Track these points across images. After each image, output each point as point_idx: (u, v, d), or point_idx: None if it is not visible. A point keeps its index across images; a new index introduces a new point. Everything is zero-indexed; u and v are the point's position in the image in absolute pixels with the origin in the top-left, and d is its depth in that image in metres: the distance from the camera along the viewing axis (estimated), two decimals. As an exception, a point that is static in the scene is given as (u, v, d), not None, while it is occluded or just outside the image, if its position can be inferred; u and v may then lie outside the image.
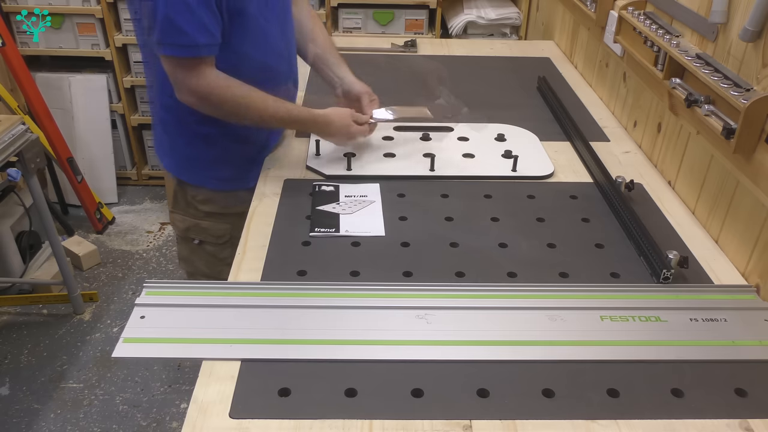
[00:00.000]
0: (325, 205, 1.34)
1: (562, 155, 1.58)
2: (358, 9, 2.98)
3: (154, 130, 1.58)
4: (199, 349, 0.98)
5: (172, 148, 1.53)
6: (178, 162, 1.54)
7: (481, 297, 1.10)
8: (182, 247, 1.64)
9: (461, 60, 2.25)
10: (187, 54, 1.27)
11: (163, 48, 1.27)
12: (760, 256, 1.14)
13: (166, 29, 1.24)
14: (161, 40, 1.26)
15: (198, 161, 1.51)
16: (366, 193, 1.39)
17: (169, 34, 1.25)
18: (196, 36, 1.26)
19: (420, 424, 0.87)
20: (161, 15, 1.23)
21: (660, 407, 0.90)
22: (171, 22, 1.23)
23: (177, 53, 1.27)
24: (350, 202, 1.36)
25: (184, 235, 1.60)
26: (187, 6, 1.23)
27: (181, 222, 1.59)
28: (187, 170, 1.53)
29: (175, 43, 1.26)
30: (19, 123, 2.24)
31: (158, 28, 1.24)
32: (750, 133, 1.10)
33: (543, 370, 0.96)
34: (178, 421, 2.18)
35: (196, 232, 1.58)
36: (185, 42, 1.25)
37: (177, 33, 1.24)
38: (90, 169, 3.26)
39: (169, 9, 1.22)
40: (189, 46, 1.26)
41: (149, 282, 1.12)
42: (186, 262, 1.65)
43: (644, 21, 1.49)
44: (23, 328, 2.59)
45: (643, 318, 1.06)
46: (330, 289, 1.11)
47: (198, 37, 1.26)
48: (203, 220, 1.56)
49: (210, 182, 1.53)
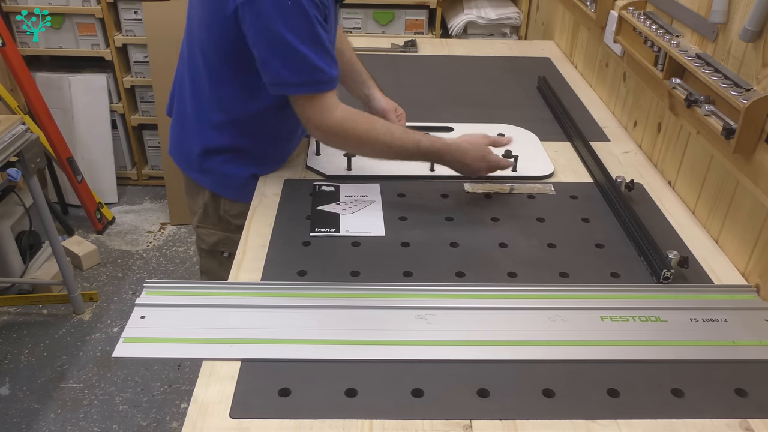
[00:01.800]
0: (325, 205, 1.34)
1: (562, 155, 1.58)
2: (358, 9, 2.98)
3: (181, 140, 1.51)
4: (199, 349, 0.98)
5: (206, 162, 1.47)
6: (215, 178, 1.48)
7: (481, 297, 1.10)
8: (207, 261, 1.60)
9: (461, 60, 2.25)
10: (326, 89, 1.25)
11: (301, 88, 1.24)
12: (760, 256, 1.14)
13: (302, 69, 1.21)
14: (298, 80, 1.22)
15: (236, 178, 1.46)
16: (366, 193, 1.39)
17: (309, 72, 1.22)
18: (331, 70, 1.24)
19: (420, 424, 0.87)
20: (296, 54, 1.19)
21: (660, 407, 0.90)
22: (307, 61, 1.20)
23: (316, 90, 1.24)
24: (350, 202, 1.36)
25: (212, 249, 1.57)
26: (320, 41, 1.21)
27: (209, 236, 1.55)
28: (222, 185, 1.49)
29: (314, 80, 1.23)
30: (19, 123, 2.24)
31: (291, 67, 1.21)
32: (750, 133, 1.11)
33: (543, 370, 0.96)
34: (178, 421, 2.18)
35: (226, 245, 1.54)
36: (323, 78, 1.23)
37: (315, 71, 1.22)
38: (90, 169, 3.26)
39: (304, 47, 1.19)
40: (327, 82, 1.24)
41: (149, 282, 1.12)
42: (210, 274, 1.61)
43: (644, 21, 1.49)
44: (23, 328, 2.59)
45: (643, 318, 1.06)
46: (330, 289, 1.11)
47: (332, 71, 1.24)
48: (234, 233, 1.51)
49: (246, 197, 1.47)
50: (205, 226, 1.56)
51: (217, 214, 1.52)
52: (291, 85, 1.24)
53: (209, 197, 1.51)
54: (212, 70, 1.35)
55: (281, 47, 1.20)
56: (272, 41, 1.20)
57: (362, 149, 1.36)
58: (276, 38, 1.19)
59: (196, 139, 1.45)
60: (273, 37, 1.19)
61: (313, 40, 1.20)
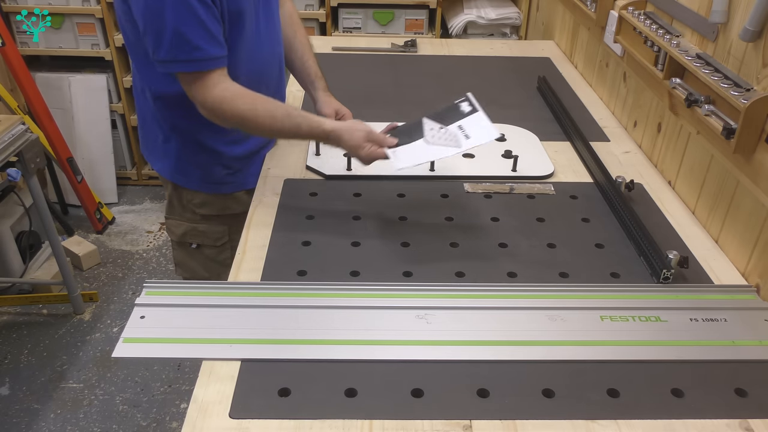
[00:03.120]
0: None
1: (562, 155, 1.58)
2: (358, 9, 2.97)
3: (141, 131, 1.54)
4: (199, 349, 0.98)
5: (165, 152, 1.49)
6: (172, 166, 1.50)
7: (481, 297, 1.10)
8: (178, 253, 1.62)
9: (461, 60, 2.25)
10: (203, 68, 1.23)
11: (176, 65, 1.23)
12: (760, 256, 1.14)
13: (178, 45, 1.20)
14: (175, 56, 1.21)
15: (192, 165, 1.47)
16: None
17: (183, 50, 1.20)
18: (209, 49, 1.22)
19: (420, 424, 0.87)
20: (170, 31, 1.18)
21: (660, 407, 0.90)
22: (182, 37, 1.19)
23: (192, 68, 1.23)
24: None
25: (180, 240, 1.58)
26: (197, 19, 1.19)
27: (176, 227, 1.57)
28: (182, 174, 1.50)
29: (189, 59, 1.21)
30: (19, 123, 2.24)
31: (168, 44, 1.20)
32: (750, 133, 1.11)
33: (543, 370, 0.96)
34: (178, 421, 2.18)
35: (193, 236, 1.56)
36: (199, 56, 1.22)
37: (190, 48, 1.20)
38: (90, 169, 3.26)
39: (179, 24, 1.18)
40: (203, 60, 1.23)
41: (149, 282, 1.12)
42: (183, 267, 1.63)
43: (644, 21, 1.49)
44: (23, 328, 2.59)
45: (643, 318, 1.06)
46: (330, 289, 1.11)
47: (211, 50, 1.23)
48: (200, 224, 1.54)
49: (205, 186, 1.50)
50: (172, 217, 1.58)
51: (181, 204, 1.54)
52: (167, 62, 1.23)
53: (172, 188, 1.53)
54: (133, 52, 1.36)
55: (156, 25, 1.19)
56: (149, 20, 1.19)
57: (246, 128, 1.32)
58: (152, 16, 1.18)
59: (148, 127, 1.48)
60: (150, 16, 1.19)
61: (188, 17, 1.18)
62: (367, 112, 1.65)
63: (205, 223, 1.54)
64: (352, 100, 1.65)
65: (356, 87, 1.71)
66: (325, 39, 2.67)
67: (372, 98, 1.72)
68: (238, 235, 1.26)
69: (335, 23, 3.05)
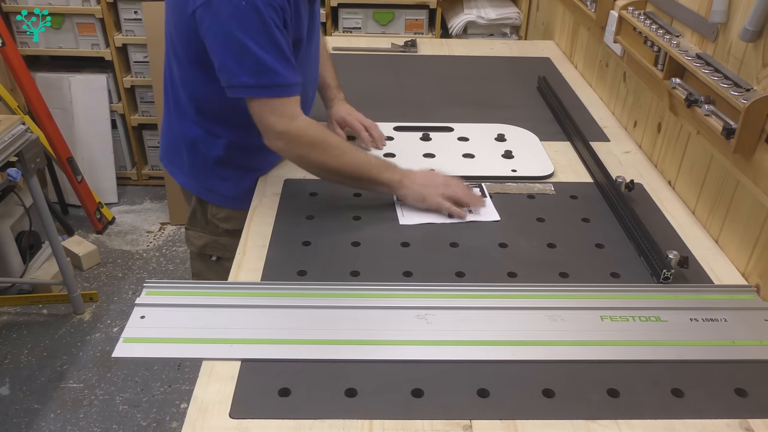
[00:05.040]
0: None
1: (562, 155, 1.58)
2: (358, 9, 2.97)
3: (167, 142, 1.52)
4: (199, 349, 0.98)
5: (193, 167, 1.47)
6: (200, 182, 1.48)
7: (481, 297, 1.10)
8: (197, 264, 1.61)
9: (461, 60, 2.25)
10: (284, 94, 1.23)
11: (257, 90, 1.22)
12: (760, 256, 1.14)
13: (259, 71, 1.19)
14: (256, 83, 1.20)
15: (220, 183, 1.46)
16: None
17: (265, 75, 1.20)
18: (289, 75, 1.22)
19: (420, 424, 0.87)
20: (252, 57, 1.18)
21: (660, 407, 0.90)
22: (264, 64, 1.19)
23: (274, 94, 1.22)
24: None
25: (200, 252, 1.57)
26: (278, 46, 1.19)
27: (197, 239, 1.56)
28: (209, 190, 1.48)
29: (271, 83, 1.21)
30: (19, 123, 2.24)
31: (249, 70, 1.19)
32: (750, 133, 1.10)
33: (543, 370, 0.96)
34: (178, 421, 2.18)
35: (213, 249, 1.55)
36: (280, 82, 1.21)
37: (272, 74, 1.20)
38: (90, 169, 3.26)
39: (261, 50, 1.18)
40: (284, 86, 1.22)
41: (149, 282, 1.12)
42: (200, 277, 1.62)
43: (644, 21, 1.49)
44: (23, 328, 2.59)
45: (643, 318, 1.06)
46: (330, 289, 1.11)
47: (291, 76, 1.23)
48: (222, 236, 1.52)
49: (231, 202, 1.48)
50: (194, 229, 1.56)
51: (205, 217, 1.52)
52: (246, 87, 1.22)
53: (196, 201, 1.52)
54: (184, 69, 1.35)
55: (236, 48, 1.18)
56: (227, 43, 1.19)
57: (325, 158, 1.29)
58: (231, 40, 1.18)
59: (181, 141, 1.46)
60: (228, 39, 1.18)
61: (269, 43, 1.18)
62: (367, 112, 1.65)
63: (227, 237, 1.51)
64: (352, 101, 1.65)
65: (356, 87, 1.71)
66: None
67: (372, 98, 1.72)
68: None
69: (335, 23, 3.05)
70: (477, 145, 1.60)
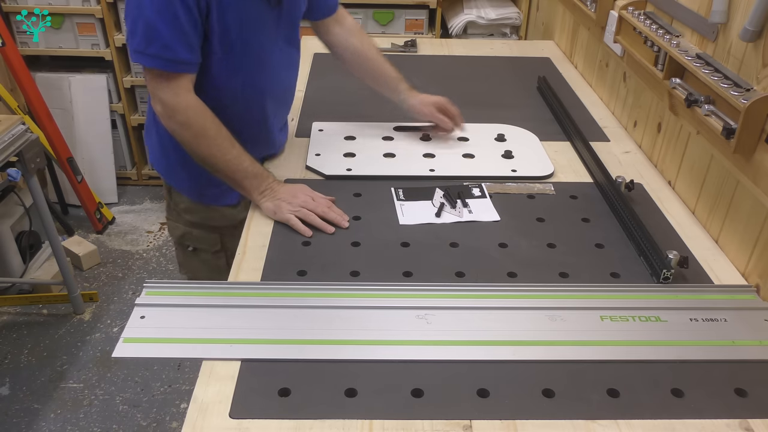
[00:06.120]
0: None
1: (562, 155, 1.58)
2: (358, 9, 2.97)
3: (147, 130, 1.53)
4: (199, 349, 0.98)
5: (162, 150, 1.47)
6: (167, 165, 1.49)
7: (481, 297, 1.10)
8: (180, 253, 1.62)
9: (461, 60, 2.25)
10: (174, 70, 1.22)
11: (143, 57, 1.21)
12: (760, 256, 1.14)
13: (150, 38, 1.19)
14: (144, 49, 1.20)
15: (181, 167, 1.45)
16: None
17: (153, 44, 1.19)
18: (181, 52, 1.21)
19: (420, 424, 0.87)
20: (146, 22, 1.18)
21: (660, 407, 0.90)
22: (156, 32, 1.18)
23: (159, 66, 1.22)
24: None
25: (179, 242, 1.58)
26: (176, 18, 1.17)
27: (175, 229, 1.57)
28: (173, 175, 1.49)
29: (157, 55, 1.20)
30: (19, 123, 2.24)
31: (141, 35, 1.19)
32: (750, 133, 1.10)
33: (543, 370, 0.96)
34: (178, 421, 2.18)
35: (189, 240, 1.56)
36: (169, 56, 1.20)
37: (162, 46, 1.19)
38: (90, 169, 3.26)
39: (157, 18, 1.17)
40: (174, 62, 1.21)
41: (149, 282, 1.12)
42: (184, 267, 1.63)
43: (644, 21, 1.49)
44: (23, 328, 2.59)
45: (643, 318, 1.06)
46: (330, 289, 1.11)
47: (183, 54, 1.21)
48: (194, 229, 1.53)
49: (189, 192, 1.48)
50: (171, 219, 1.58)
51: (170, 205, 1.54)
52: (137, 52, 1.22)
53: (166, 187, 1.53)
54: None
55: (135, 13, 1.19)
56: (132, 6, 1.20)
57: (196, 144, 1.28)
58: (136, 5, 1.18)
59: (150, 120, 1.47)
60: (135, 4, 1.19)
61: (169, 16, 1.17)
62: (367, 112, 1.66)
63: (198, 229, 1.52)
64: (352, 101, 1.65)
65: (356, 87, 1.71)
66: (325, 39, 2.66)
67: (372, 98, 1.72)
68: (232, 245, 1.25)
69: (335, 23, 3.04)
70: (477, 145, 1.60)
